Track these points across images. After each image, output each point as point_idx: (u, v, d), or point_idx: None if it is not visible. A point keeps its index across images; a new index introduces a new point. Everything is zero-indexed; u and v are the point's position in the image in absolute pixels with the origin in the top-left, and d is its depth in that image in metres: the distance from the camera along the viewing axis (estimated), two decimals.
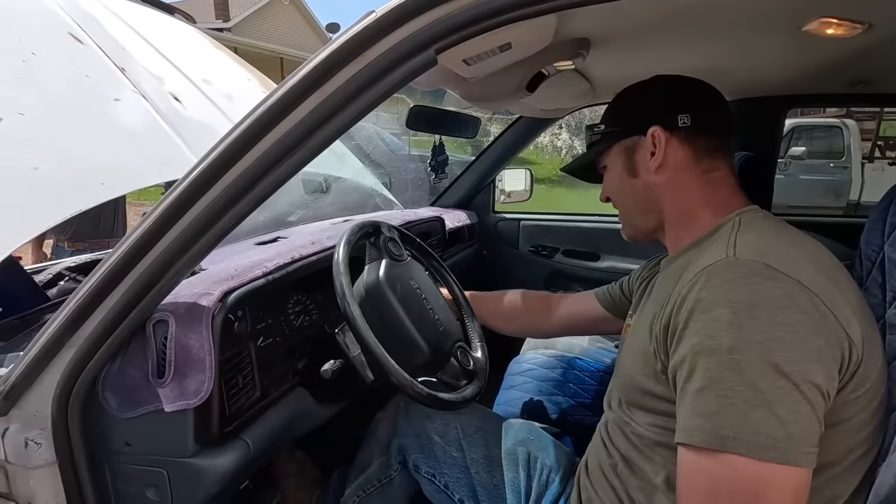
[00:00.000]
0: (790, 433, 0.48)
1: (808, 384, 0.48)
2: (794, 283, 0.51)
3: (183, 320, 0.69)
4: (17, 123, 1.10)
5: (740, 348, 0.49)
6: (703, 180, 0.70)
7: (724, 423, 0.49)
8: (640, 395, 0.65)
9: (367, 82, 0.55)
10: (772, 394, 0.48)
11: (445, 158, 1.67)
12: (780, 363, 0.48)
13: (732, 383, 0.49)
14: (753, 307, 0.50)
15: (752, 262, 0.54)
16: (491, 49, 0.71)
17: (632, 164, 0.75)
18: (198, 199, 0.60)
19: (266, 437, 0.80)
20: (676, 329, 0.56)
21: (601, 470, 0.73)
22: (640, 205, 0.76)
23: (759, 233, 0.61)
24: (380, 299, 0.84)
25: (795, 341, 0.49)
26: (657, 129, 0.71)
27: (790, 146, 6.08)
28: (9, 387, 0.68)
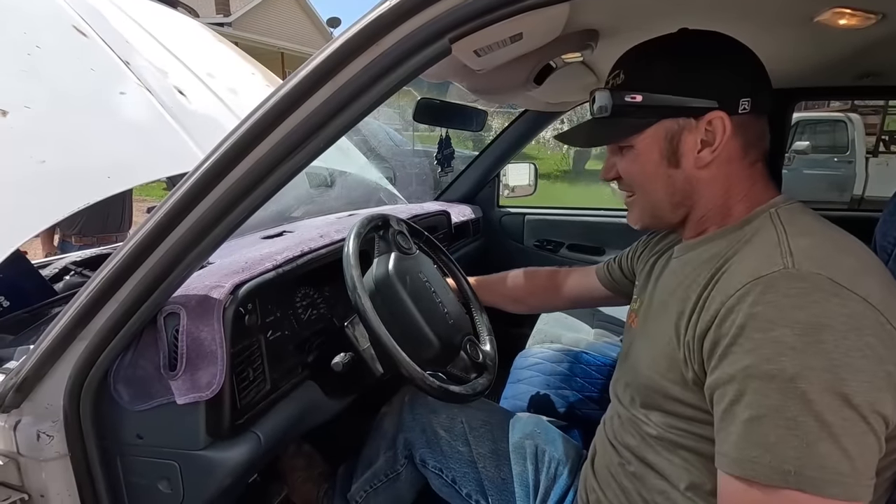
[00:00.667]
0: (856, 467, 0.45)
1: (875, 414, 0.45)
2: (859, 300, 0.47)
3: (194, 313, 0.69)
4: (23, 117, 1.10)
5: (806, 376, 0.45)
6: (748, 174, 0.62)
7: (785, 455, 0.45)
8: (662, 399, 0.61)
9: (380, 72, 0.54)
10: (839, 426, 0.44)
11: (452, 152, 1.67)
12: (850, 394, 0.44)
13: (795, 413, 0.45)
14: (820, 329, 0.46)
15: (815, 275, 0.48)
16: (503, 39, 0.71)
17: (674, 152, 0.61)
18: (209, 192, 0.60)
19: (277, 430, 0.80)
20: (720, 343, 0.51)
21: (609, 471, 0.71)
22: (674, 198, 0.64)
23: (811, 236, 0.54)
24: (390, 292, 0.84)
25: (865, 368, 0.45)
26: (721, 115, 0.58)
27: (794, 141, 6.05)
28: (21, 379, 0.68)
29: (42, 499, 0.73)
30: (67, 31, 1.41)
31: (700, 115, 0.59)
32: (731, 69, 0.60)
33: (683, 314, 0.57)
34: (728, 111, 0.58)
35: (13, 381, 0.69)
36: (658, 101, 0.60)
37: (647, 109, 0.61)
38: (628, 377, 0.71)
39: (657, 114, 0.61)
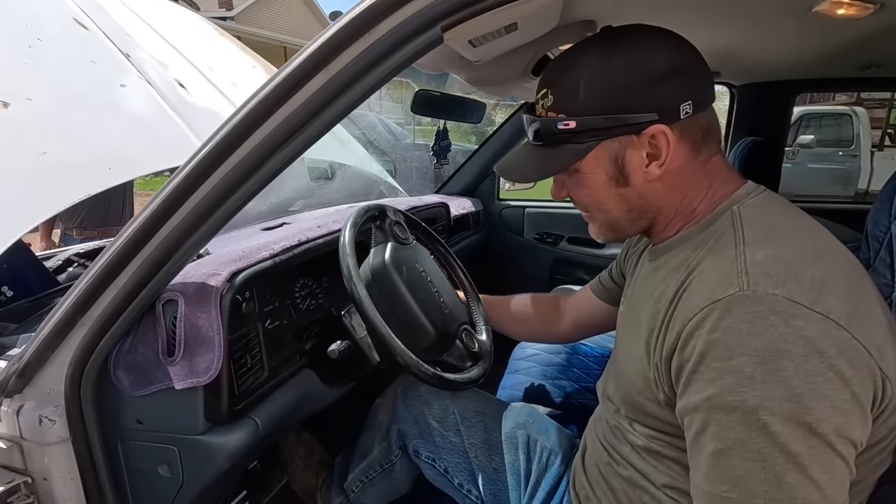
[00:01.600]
0: (826, 495, 0.44)
1: (842, 439, 0.44)
2: (820, 318, 0.45)
3: (192, 300, 0.70)
4: (25, 108, 1.11)
5: (768, 407, 0.44)
6: (703, 172, 0.58)
7: (754, 490, 0.45)
8: (643, 415, 0.61)
9: (373, 61, 0.55)
10: (805, 455, 0.43)
11: (448, 144, 1.67)
12: (813, 422, 0.43)
13: (760, 446, 0.44)
14: (779, 356, 0.44)
15: (772, 297, 0.46)
16: (497, 29, 0.71)
17: (621, 172, 0.58)
18: (206, 179, 0.61)
19: (274, 417, 0.81)
20: (684, 368, 0.49)
21: (598, 469, 0.71)
22: (630, 214, 0.61)
23: (770, 243, 0.50)
24: (386, 282, 0.84)
25: (828, 393, 0.43)
26: (662, 129, 0.54)
27: (799, 134, 6.01)
28: (23, 365, 0.70)
29: (45, 482, 0.75)
30: (69, 23, 1.42)
31: (640, 131, 0.55)
32: (666, 76, 0.54)
33: (652, 333, 0.56)
34: (669, 121, 0.54)
35: (15, 366, 0.70)
36: (593, 124, 0.55)
37: (584, 133, 0.56)
38: (613, 386, 0.70)
39: (595, 136, 0.56)
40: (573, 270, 2.04)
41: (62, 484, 0.75)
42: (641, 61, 0.55)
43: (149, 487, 0.77)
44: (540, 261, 2.08)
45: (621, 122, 0.55)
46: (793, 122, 5.86)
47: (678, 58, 0.56)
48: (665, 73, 0.54)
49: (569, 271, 2.05)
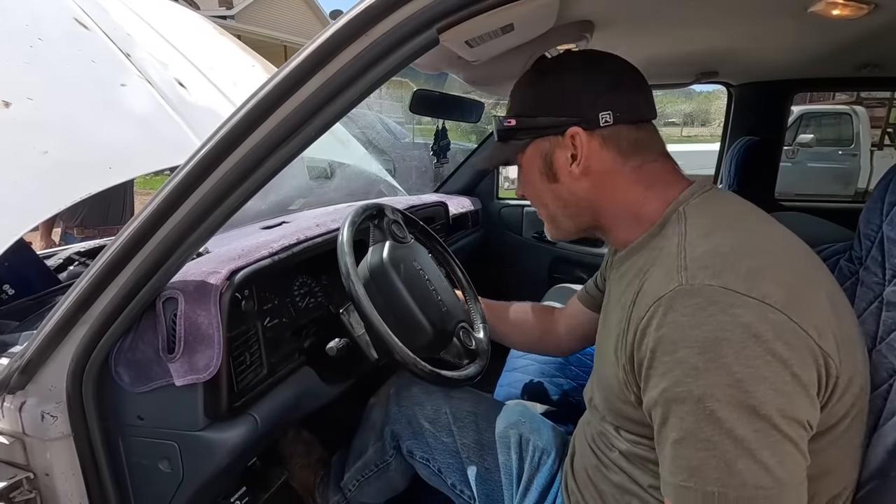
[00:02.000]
0: (777, 478, 0.45)
1: (787, 420, 0.45)
2: (757, 304, 0.47)
3: (192, 298, 0.71)
4: (26, 108, 1.12)
5: (712, 395, 0.45)
6: (635, 178, 0.63)
7: (708, 478, 0.46)
8: (622, 420, 0.62)
9: (370, 62, 0.55)
10: (752, 440, 0.45)
11: (447, 143, 1.67)
12: (756, 405, 0.45)
13: (709, 434, 0.46)
14: (718, 344, 0.46)
15: (708, 287, 0.48)
16: (493, 30, 0.71)
17: (550, 169, 0.66)
18: (206, 178, 0.61)
19: (273, 414, 0.82)
20: (642, 367, 0.52)
21: (587, 472, 0.72)
22: (567, 210, 0.68)
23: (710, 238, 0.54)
24: (383, 280, 0.85)
25: (768, 376, 0.45)
26: (578, 131, 0.62)
27: (798, 133, 6.01)
28: (25, 362, 0.71)
29: (47, 477, 0.76)
30: (69, 23, 1.43)
31: (563, 133, 0.63)
32: (587, 87, 0.63)
33: (619, 337, 0.58)
34: (587, 126, 0.62)
35: (18, 363, 0.71)
36: (528, 124, 0.66)
37: (522, 132, 0.67)
38: (596, 393, 0.71)
39: (529, 135, 0.67)
40: (572, 269, 2.05)
41: (64, 479, 0.76)
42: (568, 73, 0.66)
43: (149, 483, 0.78)
44: (538, 259, 2.09)
45: (547, 123, 0.65)
46: (793, 122, 5.86)
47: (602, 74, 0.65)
48: (588, 86, 0.64)
49: (567, 270, 2.06)
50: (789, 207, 1.96)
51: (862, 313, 0.64)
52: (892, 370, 0.57)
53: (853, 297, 0.67)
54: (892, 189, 0.63)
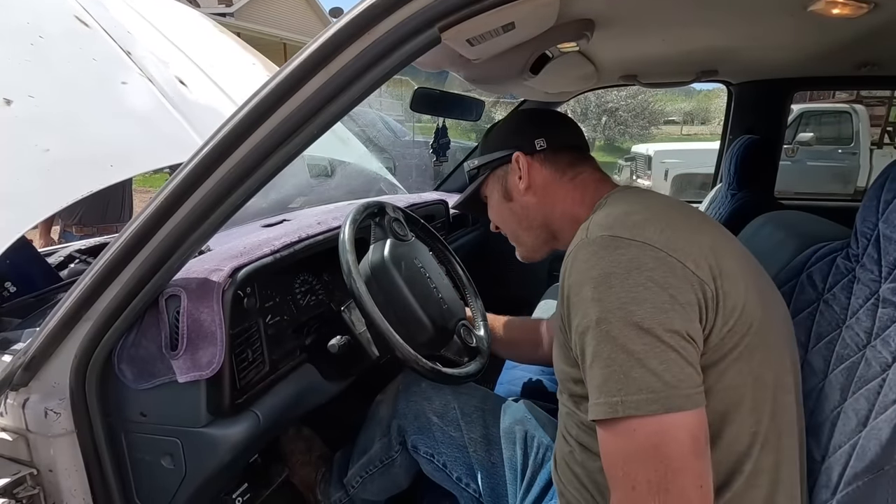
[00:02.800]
0: (666, 382, 0.51)
1: (669, 333, 0.52)
2: (640, 245, 0.56)
3: (194, 295, 0.71)
4: (27, 106, 1.12)
5: (605, 318, 0.54)
6: (572, 186, 0.78)
7: (611, 390, 0.53)
8: (573, 385, 0.67)
9: (372, 61, 0.56)
10: (641, 351, 0.52)
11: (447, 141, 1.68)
12: (639, 321, 0.52)
13: (609, 352, 0.53)
14: (608, 277, 0.55)
15: (601, 237, 0.58)
16: (494, 29, 0.71)
17: (506, 190, 0.83)
18: (208, 176, 0.62)
19: (275, 411, 0.83)
20: (567, 316, 0.60)
21: (565, 462, 0.73)
22: (522, 223, 0.83)
23: (611, 208, 0.66)
24: (385, 278, 0.86)
25: (649, 297, 0.53)
26: (519, 155, 0.79)
27: (798, 132, 6.01)
28: (28, 358, 0.71)
29: (50, 473, 0.76)
30: (69, 20, 1.43)
31: (509, 160, 0.81)
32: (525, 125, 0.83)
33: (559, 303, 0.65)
34: (527, 151, 0.79)
35: (21, 360, 0.72)
36: (485, 160, 0.85)
37: (483, 168, 0.86)
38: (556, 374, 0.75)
39: (487, 168, 0.85)
40: None
41: (67, 475, 0.76)
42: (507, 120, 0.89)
43: (152, 479, 0.78)
44: None
45: (497, 156, 0.83)
46: (792, 120, 5.86)
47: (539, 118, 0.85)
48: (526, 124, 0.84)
49: None
50: (788, 206, 1.97)
51: (858, 310, 0.65)
52: (885, 364, 0.57)
53: (850, 294, 0.67)
54: (888, 187, 0.63)
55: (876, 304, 0.62)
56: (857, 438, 0.56)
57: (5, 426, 0.77)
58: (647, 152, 7.13)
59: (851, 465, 0.55)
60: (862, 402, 0.58)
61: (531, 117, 0.86)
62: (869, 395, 0.57)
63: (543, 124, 0.83)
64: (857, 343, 0.63)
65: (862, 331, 0.63)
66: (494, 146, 0.85)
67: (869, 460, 0.53)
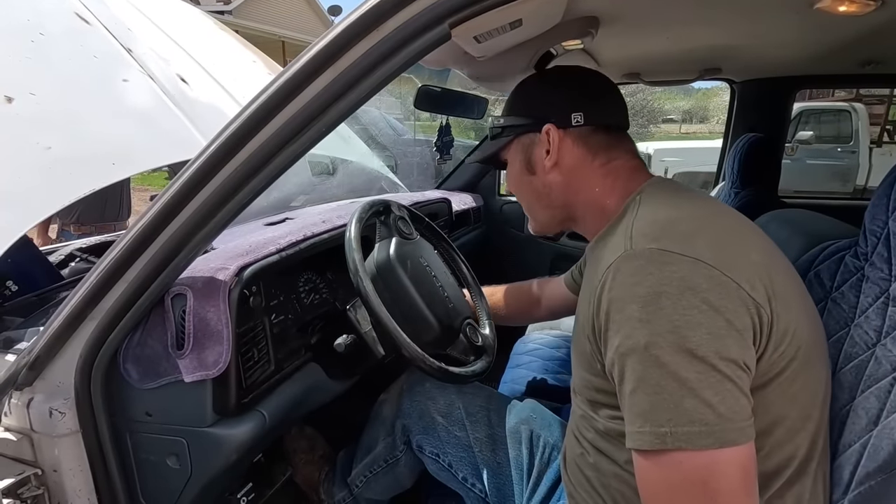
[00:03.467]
0: (720, 414, 0.48)
1: (724, 361, 0.49)
2: (691, 261, 0.52)
3: (201, 294, 0.71)
4: (28, 103, 1.11)
5: (655, 342, 0.50)
6: (602, 173, 0.70)
7: (659, 419, 0.49)
8: (595, 393, 0.65)
9: (381, 57, 0.55)
10: (694, 380, 0.48)
11: (451, 139, 1.67)
12: (694, 348, 0.49)
13: (657, 378, 0.50)
14: (658, 297, 0.50)
15: (648, 251, 0.54)
16: (502, 25, 0.71)
17: (529, 162, 0.74)
18: (215, 174, 0.61)
19: (281, 410, 0.82)
20: (601, 331, 0.56)
21: (576, 464, 0.73)
22: (541, 200, 0.75)
23: (654, 213, 0.60)
24: (390, 276, 0.85)
25: (703, 322, 0.49)
26: (551, 127, 0.70)
27: (798, 130, 6.01)
28: (33, 358, 0.71)
29: (55, 473, 0.76)
30: (69, 17, 1.42)
31: (539, 129, 0.71)
32: (564, 92, 0.73)
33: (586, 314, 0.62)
34: (560, 125, 0.70)
35: (26, 359, 0.71)
36: (512, 122, 0.75)
37: (508, 129, 0.76)
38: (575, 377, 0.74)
39: (513, 132, 0.75)
40: (573, 266, 2.05)
41: (72, 475, 0.76)
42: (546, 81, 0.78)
43: (157, 479, 0.78)
44: (540, 256, 2.09)
45: (527, 121, 0.73)
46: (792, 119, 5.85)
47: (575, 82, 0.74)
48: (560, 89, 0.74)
49: (568, 266, 2.04)
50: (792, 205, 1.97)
51: (867, 309, 0.65)
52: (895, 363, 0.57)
53: (858, 293, 0.67)
54: None
55: (886, 302, 0.62)
56: (868, 437, 0.56)
57: (9, 426, 0.76)
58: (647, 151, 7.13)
59: (863, 465, 0.55)
60: (872, 400, 0.58)
61: (573, 82, 0.74)
62: (879, 394, 0.57)
63: (585, 94, 0.72)
64: (867, 342, 0.62)
65: (871, 329, 0.62)
66: (525, 108, 0.75)
67: (882, 460, 0.52)
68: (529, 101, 0.75)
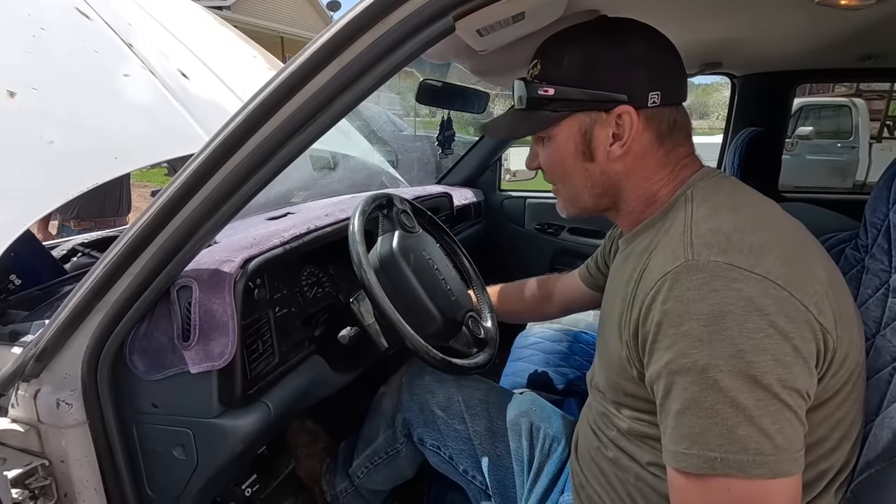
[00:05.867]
0: (777, 444, 0.46)
1: (787, 390, 0.47)
2: (759, 279, 0.48)
3: (206, 286, 0.71)
4: (30, 98, 1.11)
5: (715, 365, 0.47)
6: (665, 161, 0.63)
7: (710, 444, 0.47)
8: (623, 396, 0.63)
9: (386, 49, 0.55)
10: (753, 408, 0.46)
11: (452, 134, 1.68)
12: (758, 375, 0.46)
13: (712, 402, 0.47)
14: (722, 317, 0.47)
15: (714, 263, 0.49)
16: (505, 19, 0.71)
17: (588, 146, 0.62)
18: (220, 167, 0.62)
19: (285, 402, 0.83)
20: (646, 341, 0.53)
21: (589, 454, 0.73)
22: (593, 189, 0.66)
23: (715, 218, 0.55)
24: (394, 269, 0.86)
25: (769, 347, 0.46)
26: (628, 110, 0.59)
27: (798, 125, 6.01)
28: (40, 349, 0.71)
29: (62, 464, 0.76)
30: (70, 11, 1.42)
31: (610, 109, 0.60)
32: (640, 62, 0.60)
33: (622, 314, 0.59)
34: (636, 105, 0.59)
35: (33, 351, 0.72)
36: (569, 95, 0.61)
37: (560, 102, 0.62)
38: (598, 373, 0.72)
39: (569, 107, 0.61)
40: (573, 261, 2.04)
41: (79, 466, 0.76)
42: (620, 46, 0.61)
43: (164, 469, 0.79)
44: (540, 251, 2.10)
45: (594, 97, 0.60)
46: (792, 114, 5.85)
47: (655, 51, 0.61)
48: (640, 60, 0.60)
49: (569, 262, 2.05)
50: (792, 199, 1.97)
51: (867, 300, 0.65)
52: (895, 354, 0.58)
53: (858, 285, 0.68)
54: None
55: (886, 293, 0.62)
56: (869, 427, 0.57)
57: (17, 417, 0.77)
58: None
59: (864, 454, 0.56)
60: (872, 390, 0.58)
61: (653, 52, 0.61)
62: (879, 384, 0.58)
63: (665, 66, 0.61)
64: (867, 332, 0.63)
65: (871, 320, 0.63)
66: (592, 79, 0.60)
67: (882, 448, 0.53)
68: (599, 72, 0.60)
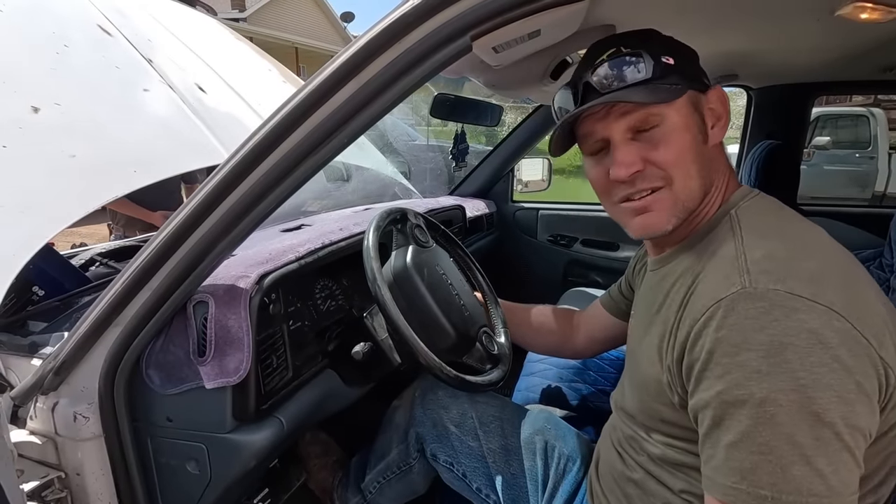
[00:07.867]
0: (831, 486, 0.44)
1: (850, 429, 0.44)
2: (823, 310, 0.46)
3: (222, 301, 0.72)
4: (53, 113, 1.14)
5: (774, 399, 0.44)
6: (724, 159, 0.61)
7: (761, 482, 0.45)
8: (657, 422, 0.62)
9: (403, 69, 0.56)
10: (810, 446, 0.44)
11: (466, 147, 1.69)
12: (821, 412, 0.44)
13: (768, 438, 0.45)
14: (783, 349, 0.45)
15: (773, 292, 0.47)
16: (521, 36, 0.72)
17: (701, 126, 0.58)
18: (238, 184, 0.62)
19: (298, 416, 0.83)
20: (694, 368, 0.51)
21: (612, 476, 0.71)
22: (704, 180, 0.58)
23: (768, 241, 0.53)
24: (407, 284, 0.86)
25: (833, 383, 0.44)
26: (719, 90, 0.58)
27: (814, 136, 5.93)
28: (59, 363, 0.72)
29: (78, 476, 0.77)
30: (92, 29, 1.46)
31: (706, 90, 0.58)
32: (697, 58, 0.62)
33: (663, 338, 0.57)
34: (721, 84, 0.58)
35: (52, 364, 0.72)
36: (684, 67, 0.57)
37: (676, 76, 0.56)
38: (628, 395, 0.70)
39: (685, 81, 0.56)
40: (586, 272, 2.04)
41: (94, 479, 0.77)
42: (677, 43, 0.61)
43: (177, 483, 0.79)
44: (553, 263, 2.09)
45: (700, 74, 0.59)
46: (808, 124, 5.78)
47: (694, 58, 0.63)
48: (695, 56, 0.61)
49: (582, 273, 2.05)
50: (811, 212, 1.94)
51: None
52: None
53: None
54: None
55: None
56: None
57: (35, 429, 0.78)
58: None
59: None
60: None
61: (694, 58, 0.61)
62: None
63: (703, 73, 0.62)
64: None
65: None
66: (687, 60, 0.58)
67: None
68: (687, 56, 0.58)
